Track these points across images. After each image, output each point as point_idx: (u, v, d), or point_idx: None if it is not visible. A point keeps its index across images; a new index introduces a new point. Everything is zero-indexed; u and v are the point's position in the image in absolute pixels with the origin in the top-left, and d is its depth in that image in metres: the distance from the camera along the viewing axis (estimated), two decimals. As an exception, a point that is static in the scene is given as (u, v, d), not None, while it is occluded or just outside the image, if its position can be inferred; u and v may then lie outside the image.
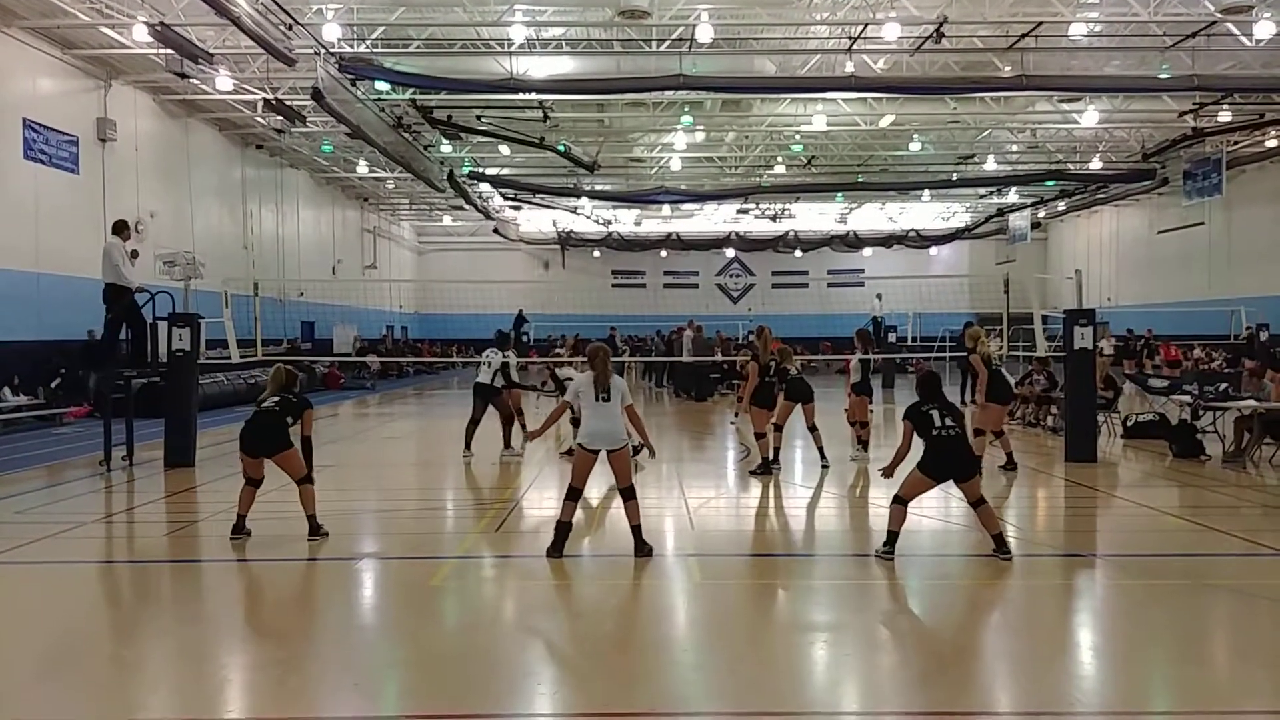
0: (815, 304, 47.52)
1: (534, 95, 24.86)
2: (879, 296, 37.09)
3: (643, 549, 8.53)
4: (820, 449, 13.61)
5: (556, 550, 8.45)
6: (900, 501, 8.51)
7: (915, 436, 8.63)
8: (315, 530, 9.32)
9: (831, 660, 6.10)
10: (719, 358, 27.62)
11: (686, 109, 29.04)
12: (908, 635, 6.79)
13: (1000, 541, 8.43)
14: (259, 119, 28.60)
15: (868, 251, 52.54)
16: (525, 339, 42.70)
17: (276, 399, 9.46)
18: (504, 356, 15.16)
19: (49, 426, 19.53)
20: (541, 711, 5.19)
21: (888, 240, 51.59)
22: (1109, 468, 14.01)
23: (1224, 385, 16.13)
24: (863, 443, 14.51)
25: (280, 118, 26.15)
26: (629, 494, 8.63)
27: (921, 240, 51.79)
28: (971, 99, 27.95)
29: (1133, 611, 7.20)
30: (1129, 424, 16.88)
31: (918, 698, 5.53)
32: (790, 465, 14.10)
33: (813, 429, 13.71)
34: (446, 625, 6.96)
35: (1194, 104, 27.45)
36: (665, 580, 8.10)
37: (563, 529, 8.58)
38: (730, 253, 54.32)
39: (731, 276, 55.84)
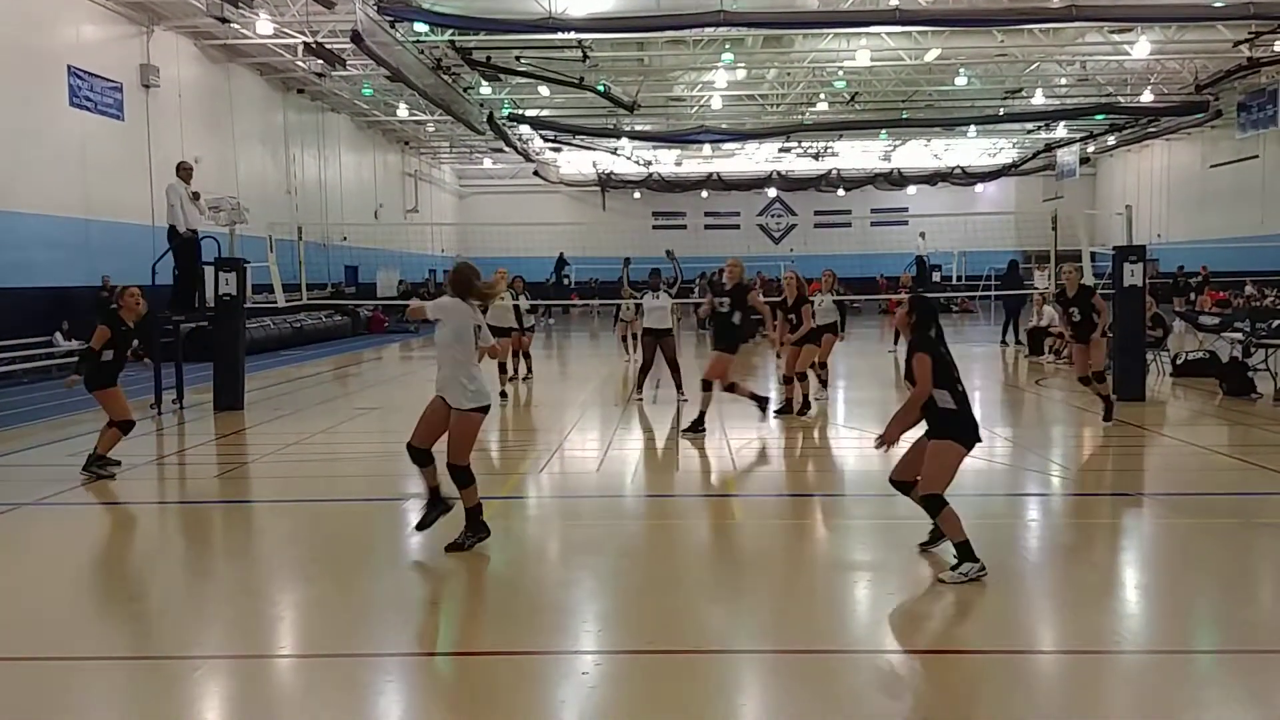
0: (858, 244, 47.02)
1: (573, 34, 24.60)
2: (922, 235, 36.59)
3: (479, 530, 6.95)
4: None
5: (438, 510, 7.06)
6: (941, 501, 6.25)
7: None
8: (95, 463, 9.48)
9: (875, 599, 6.11)
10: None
11: (727, 46, 28.59)
12: (951, 574, 6.78)
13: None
14: (299, 63, 28.58)
15: (912, 189, 51.79)
16: (567, 281, 42.71)
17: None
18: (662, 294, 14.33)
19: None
20: (587, 649, 5.26)
21: (932, 178, 50.80)
22: (1157, 406, 13.83)
23: (1277, 322, 15.80)
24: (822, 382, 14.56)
25: (320, 61, 26.11)
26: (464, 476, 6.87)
27: (967, 177, 50.95)
28: (1019, 31, 27.25)
29: (1180, 550, 7.14)
30: (1178, 362, 16.62)
31: (962, 636, 5.55)
32: (832, 406, 14.07)
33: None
34: (493, 565, 7.04)
35: (1250, 33, 26.61)
36: (708, 520, 8.16)
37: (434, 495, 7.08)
38: (772, 192, 53.77)
39: (773, 216, 55.30)
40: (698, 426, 11.52)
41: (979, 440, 6.37)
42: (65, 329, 20.10)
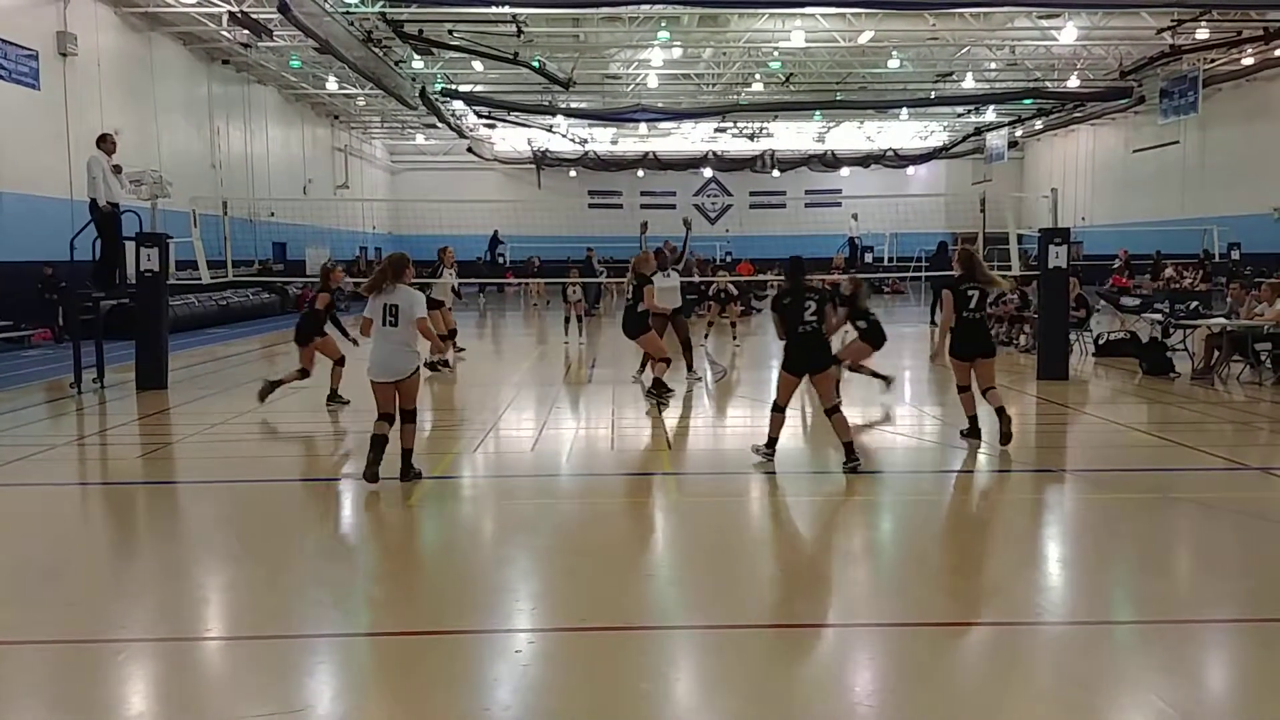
0: (792, 224, 47.33)
1: (507, 8, 24.34)
2: (855, 217, 36.93)
3: (409, 473, 8.09)
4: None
5: (372, 472, 7.85)
6: (778, 409, 8.67)
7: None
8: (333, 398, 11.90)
9: (805, 574, 6.18)
10: (695, 278, 27.48)
11: (663, 24, 28.51)
12: (880, 550, 6.89)
13: (850, 451, 8.49)
14: (224, 33, 27.86)
15: (845, 171, 52.26)
16: (501, 260, 42.39)
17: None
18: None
19: (16, 349, 19.31)
20: (520, 627, 5.25)
21: (865, 160, 51.32)
22: (1080, 385, 14.15)
23: (1194, 303, 16.26)
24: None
25: (246, 31, 25.50)
26: (410, 417, 8.04)
27: (899, 160, 51.55)
28: (951, 15, 27.60)
29: (1100, 525, 7.32)
30: (1100, 342, 17.03)
31: (889, 610, 5.62)
32: (763, 385, 14.15)
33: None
34: (425, 544, 6.99)
35: (1172, 21, 27.24)
36: (643, 498, 8.17)
37: (378, 443, 7.94)
38: (708, 172, 53.86)
39: (709, 196, 55.41)
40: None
41: (805, 370, 8.50)
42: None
